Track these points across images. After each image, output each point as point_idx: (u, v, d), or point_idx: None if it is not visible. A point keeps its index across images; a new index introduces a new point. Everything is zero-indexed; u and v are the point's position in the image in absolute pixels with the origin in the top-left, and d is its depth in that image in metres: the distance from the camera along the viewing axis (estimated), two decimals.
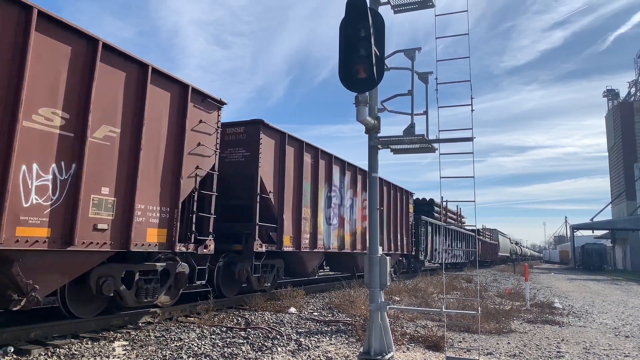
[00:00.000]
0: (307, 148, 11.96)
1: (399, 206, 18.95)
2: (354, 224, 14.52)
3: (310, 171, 12.00)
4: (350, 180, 14.50)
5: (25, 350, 5.48)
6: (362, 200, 15.11)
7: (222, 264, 9.77)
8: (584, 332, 8.80)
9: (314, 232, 11.94)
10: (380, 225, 14.80)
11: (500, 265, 51.55)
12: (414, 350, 6.55)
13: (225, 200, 9.79)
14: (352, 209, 14.47)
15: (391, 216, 17.82)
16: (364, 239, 14.75)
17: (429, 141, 5.83)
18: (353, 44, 5.23)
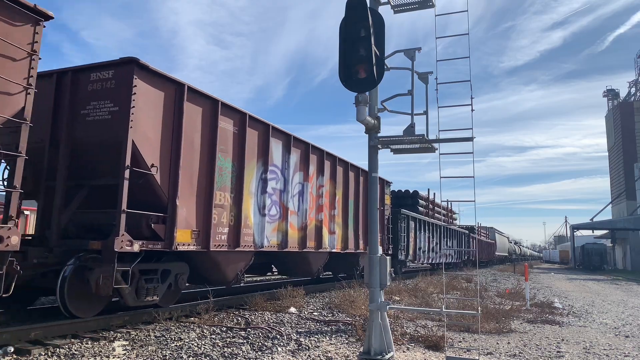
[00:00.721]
0: (225, 111, 8.68)
1: None
2: (304, 215, 11.52)
3: (231, 143, 8.93)
4: (300, 160, 11.53)
5: (25, 350, 5.48)
6: (317, 187, 12.38)
7: (70, 269, 6.73)
8: (584, 332, 8.80)
9: (237, 224, 8.93)
10: (344, 218, 13.85)
11: (497, 265, 50.07)
12: (414, 350, 6.55)
13: (87, 178, 7.37)
14: (302, 197, 11.51)
15: (360, 207, 14.81)
16: (320, 236, 12.37)
17: (429, 141, 5.83)
18: (353, 44, 5.23)
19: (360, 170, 15.10)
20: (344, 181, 13.93)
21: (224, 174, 8.69)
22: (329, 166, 13.09)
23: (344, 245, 13.83)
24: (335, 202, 13.22)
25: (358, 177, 14.93)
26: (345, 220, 13.90)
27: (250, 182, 9.48)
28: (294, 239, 11.14)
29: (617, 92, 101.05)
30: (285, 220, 10.76)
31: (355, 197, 14.69)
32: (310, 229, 11.92)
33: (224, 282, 9.39)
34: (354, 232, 14.52)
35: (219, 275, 9.10)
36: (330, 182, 13.08)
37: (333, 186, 13.20)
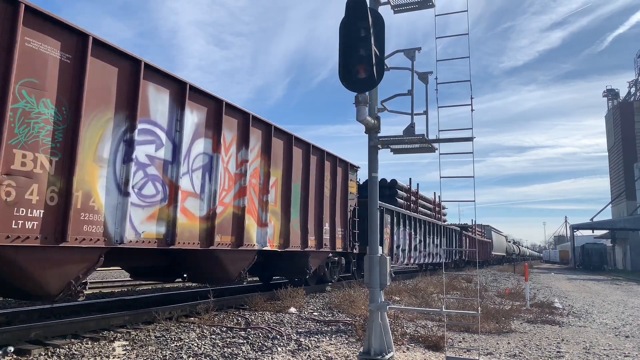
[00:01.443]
0: (38, 20, 5.57)
1: (329, 182, 12.81)
2: (211, 199, 8.19)
3: (56, 76, 5.76)
4: (207, 122, 8.20)
5: (25, 350, 5.48)
6: (237, 162, 8.94)
7: None
8: (584, 332, 8.80)
9: (65, 206, 5.73)
10: (284, 206, 10.60)
11: (495, 266, 48.58)
12: (414, 350, 6.55)
13: None
14: (208, 174, 8.19)
15: (311, 195, 11.78)
16: (241, 228, 8.94)
17: (429, 141, 5.83)
18: (353, 44, 5.23)
19: (311, 148, 11.75)
20: (286, 159, 10.69)
21: (32, 122, 5.48)
22: (259, 137, 9.75)
23: (284, 241, 10.52)
24: (269, 184, 9.93)
25: (308, 156, 11.61)
26: (286, 209, 10.61)
27: (98, 143, 6.25)
28: (191, 232, 7.73)
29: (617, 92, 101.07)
30: (174, 205, 7.37)
31: (305, 181, 11.48)
32: (224, 218, 8.49)
33: (37, 297, 6.04)
34: (302, 225, 11.26)
35: (29, 287, 5.80)
36: (262, 158, 9.79)
37: (266, 164, 9.88)
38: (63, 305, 8.46)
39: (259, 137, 9.78)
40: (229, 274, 9.12)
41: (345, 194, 14.07)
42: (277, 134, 10.40)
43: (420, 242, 22.37)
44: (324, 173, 12.53)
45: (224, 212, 8.60)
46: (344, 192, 13.99)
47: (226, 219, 8.65)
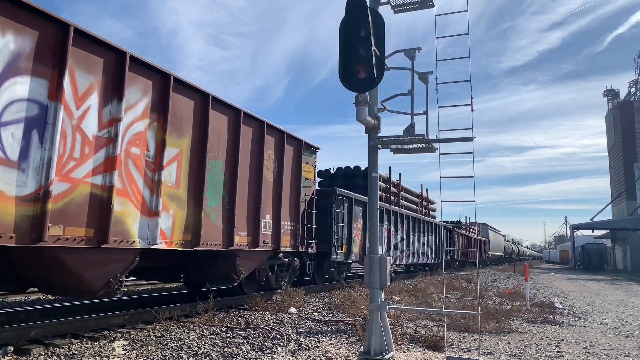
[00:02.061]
0: None
1: (272, 163, 10.22)
2: (43, 170, 5.48)
3: None
4: (37, 51, 5.47)
5: (25, 349, 5.49)
6: (102, 121, 6.27)
7: None
8: (584, 332, 8.80)
9: None
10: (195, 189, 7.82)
11: (492, 266, 46.54)
12: (414, 350, 6.55)
13: None
14: (38, 131, 5.47)
15: (247, 177, 9.30)
16: (106, 215, 6.19)
17: (429, 141, 5.83)
18: (353, 44, 5.23)
19: (243, 116, 9.09)
20: (198, 126, 7.94)
21: None
22: (148, 89, 6.91)
23: (193, 237, 7.72)
24: (164, 157, 7.09)
25: (237, 126, 8.96)
26: (197, 193, 7.83)
27: None
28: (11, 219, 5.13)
29: (617, 92, 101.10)
30: None
31: (232, 158, 8.81)
32: (72, 201, 5.80)
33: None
34: (225, 216, 8.60)
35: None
36: (152, 119, 6.97)
37: (160, 128, 7.10)
38: (63, 305, 8.47)
39: (146, 89, 6.89)
40: (86, 285, 6.23)
41: (298, 179, 11.25)
42: (181, 89, 7.55)
43: (403, 240, 19.61)
44: (263, 150, 9.76)
45: (72, 192, 5.80)
46: (296, 177, 11.20)
47: (76, 203, 5.85)
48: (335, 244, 13.50)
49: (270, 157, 10.25)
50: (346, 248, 14.38)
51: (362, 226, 15.70)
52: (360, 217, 15.56)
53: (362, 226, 15.72)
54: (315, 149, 12.32)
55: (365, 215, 15.75)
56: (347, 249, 14.46)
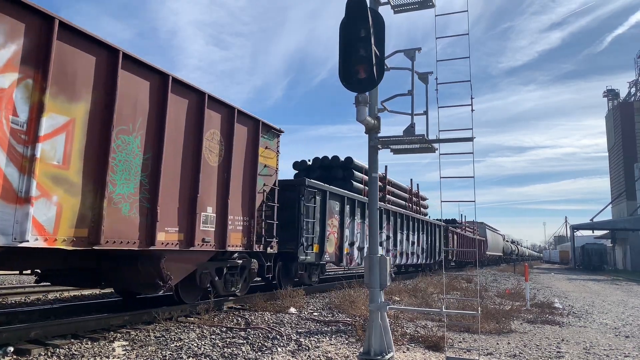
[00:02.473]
0: None
1: (218, 144, 8.64)
2: None
3: None
4: None
5: (25, 350, 5.48)
6: None
7: None
8: (584, 332, 8.80)
9: None
10: (96, 168, 6.22)
11: (489, 267, 44.89)
12: (414, 350, 6.55)
13: None
14: None
15: (180, 159, 7.75)
16: None
17: (429, 141, 5.83)
18: (353, 44, 5.23)
19: (171, 83, 7.44)
20: (101, 88, 6.32)
21: None
22: (15, 31, 5.33)
23: (93, 232, 6.12)
24: (41, 125, 5.48)
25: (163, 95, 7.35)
26: (98, 176, 6.24)
27: None
28: None
29: (617, 92, 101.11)
30: None
31: (156, 133, 7.19)
32: None
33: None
34: (144, 207, 6.97)
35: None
36: (28, 73, 5.44)
37: (39, 88, 5.53)
38: (63, 305, 8.47)
39: (15, 32, 5.27)
40: None
41: (253, 166, 9.52)
42: (74, 40, 5.95)
43: (389, 238, 17.80)
44: (203, 128, 8.12)
45: None
46: (251, 164, 9.45)
47: None
48: (303, 242, 11.71)
49: (215, 138, 8.47)
50: (318, 247, 12.62)
51: (339, 223, 13.91)
52: (336, 213, 13.70)
53: (339, 223, 13.94)
54: (277, 131, 10.49)
55: (343, 210, 14.03)
56: (320, 248, 12.71)
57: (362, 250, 15.36)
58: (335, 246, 13.71)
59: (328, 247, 13.18)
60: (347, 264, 14.46)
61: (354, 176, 16.59)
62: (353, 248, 14.89)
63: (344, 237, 14.20)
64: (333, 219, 13.62)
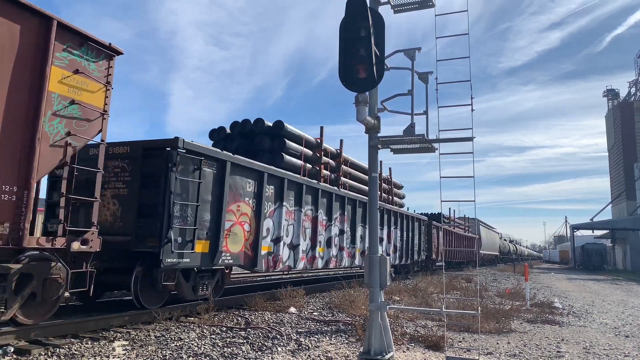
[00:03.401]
0: None
1: None
2: None
3: None
4: None
5: (25, 350, 5.49)
6: None
7: None
8: (584, 331, 8.80)
9: None
10: None
11: (485, 267, 42.01)
12: (414, 350, 6.55)
13: None
14: None
15: None
16: None
17: (429, 141, 5.83)
18: (353, 44, 5.24)
19: None
20: None
21: None
22: None
23: None
24: None
25: None
26: None
27: None
28: None
29: (617, 92, 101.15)
30: None
31: None
32: None
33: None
34: None
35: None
36: None
37: None
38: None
39: None
40: None
41: (35, 96, 5.77)
42: None
43: (343, 233, 14.02)
44: None
45: None
46: (27, 93, 5.72)
47: None
48: (173, 238, 7.76)
49: None
50: (207, 245, 8.59)
51: (253, 209, 9.88)
52: (248, 195, 9.67)
53: (254, 210, 9.92)
54: (107, 49, 6.79)
55: (260, 193, 10.01)
56: (212, 246, 8.69)
57: (296, 248, 11.56)
58: (244, 243, 9.57)
59: (230, 244, 9.14)
60: (269, 267, 10.46)
61: (287, 147, 12.23)
62: (280, 245, 10.76)
63: (261, 230, 10.04)
64: (241, 203, 9.43)
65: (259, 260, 10.03)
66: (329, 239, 13.28)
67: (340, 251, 13.91)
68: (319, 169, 13.72)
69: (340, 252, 13.89)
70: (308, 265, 12.14)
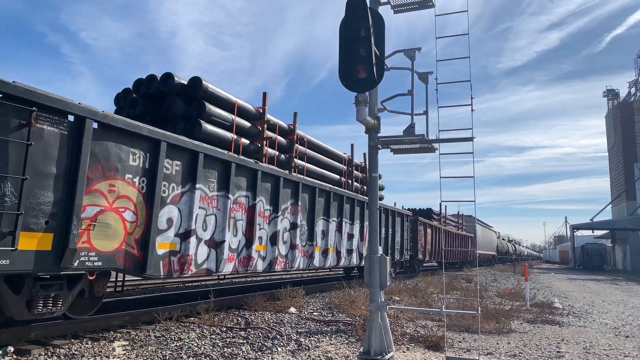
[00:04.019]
0: None
1: None
2: None
3: None
4: None
5: (25, 350, 5.49)
6: None
7: None
8: (584, 332, 8.80)
9: None
10: None
11: (481, 267, 40.21)
12: (414, 350, 6.55)
13: None
14: None
15: None
16: None
17: (429, 141, 5.83)
18: (353, 44, 5.24)
19: None
20: None
21: None
22: None
23: None
24: None
25: None
26: None
27: None
28: None
29: (617, 92, 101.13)
30: None
31: None
32: None
33: None
34: None
35: None
36: None
37: None
38: None
39: None
40: None
41: None
42: None
43: (297, 228, 11.09)
44: None
45: None
46: None
47: None
48: None
49: None
50: (48, 240, 5.77)
51: (142, 193, 7.03)
52: (133, 172, 6.88)
53: (145, 192, 7.06)
54: None
55: (154, 170, 7.18)
56: (57, 240, 5.85)
57: (220, 246, 8.53)
58: (124, 238, 6.74)
59: (97, 239, 6.37)
60: (172, 271, 7.49)
61: (208, 113, 9.40)
62: (190, 242, 7.77)
63: (155, 221, 7.18)
64: (118, 182, 6.68)
65: (151, 262, 7.05)
66: (274, 235, 10.25)
67: (291, 250, 10.98)
68: (261, 145, 10.90)
69: (292, 251, 10.96)
70: (240, 267, 9.14)
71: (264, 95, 11.56)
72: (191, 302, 8.99)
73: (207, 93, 9.64)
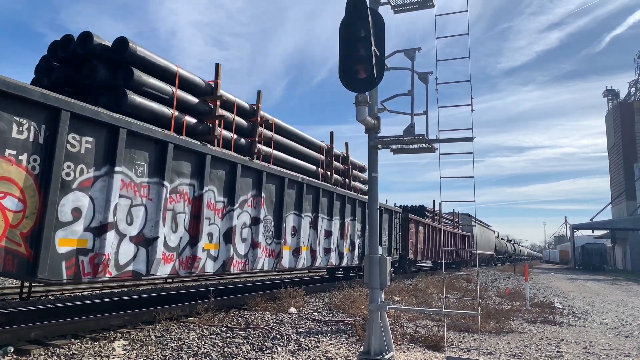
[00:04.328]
0: None
1: None
2: None
3: None
4: None
5: (25, 350, 5.49)
6: None
7: None
8: (584, 332, 8.80)
9: None
10: None
11: (479, 267, 38.62)
12: (414, 350, 6.55)
13: None
14: None
15: None
16: None
17: (429, 141, 5.83)
18: (353, 44, 5.24)
19: None
20: None
21: None
22: None
23: None
24: None
25: None
26: None
27: None
28: None
29: (617, 92, 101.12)
30: None
31: None
32: None
33: None
34: None
35: None
36: None
37: None
38: (63, 305, 8.47)
39: None
40: None
41: None
42: None
43: (259, 223, 9.63)
44: None
45: None
46: None
47: None
48: None
49: None
50: None
51: (33, 175, 5.49)
52: (20, 148, 5.34)
53: (38, 175, 5.54)
54: None
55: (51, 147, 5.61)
56: None
57: (153, 244, 7.03)
58: (4, 232, 5.23)
59: None
60: (82, 274, 5.98)
61: (137, 82, 7.76)
62: (105, 238, 6.22)
63: (52, 212, 5.61)
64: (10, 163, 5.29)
65: (46, 263, 5.50)
66: (229, 231, 8.77)
67: (253, 249, 9.50)
68: (213, 126, 9.31)
69: (253, 250, 9.50)
70: (182, 269, 7.67)
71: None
72: (191, 302, 9.00)
73: (136, 57, 7.83)
